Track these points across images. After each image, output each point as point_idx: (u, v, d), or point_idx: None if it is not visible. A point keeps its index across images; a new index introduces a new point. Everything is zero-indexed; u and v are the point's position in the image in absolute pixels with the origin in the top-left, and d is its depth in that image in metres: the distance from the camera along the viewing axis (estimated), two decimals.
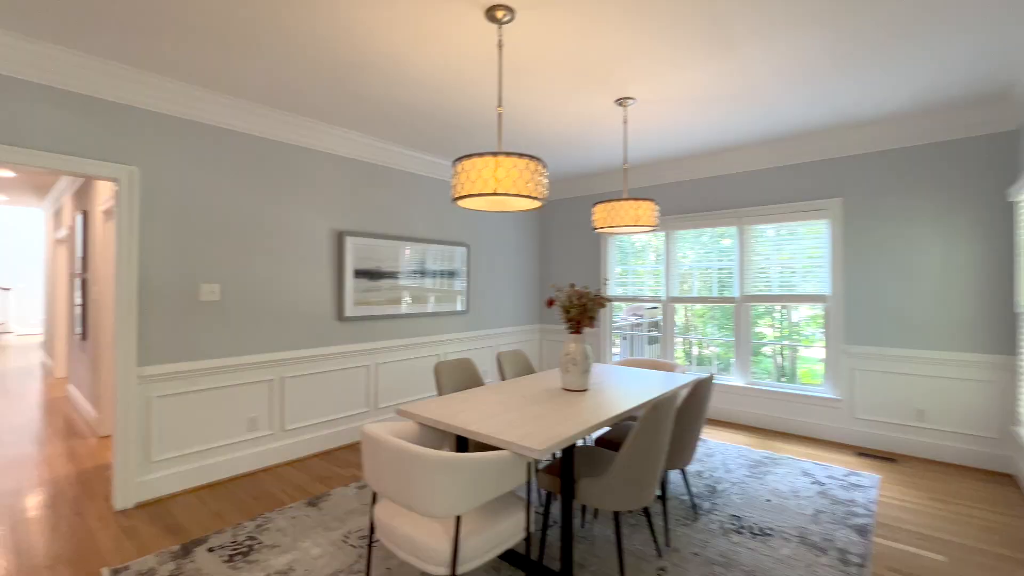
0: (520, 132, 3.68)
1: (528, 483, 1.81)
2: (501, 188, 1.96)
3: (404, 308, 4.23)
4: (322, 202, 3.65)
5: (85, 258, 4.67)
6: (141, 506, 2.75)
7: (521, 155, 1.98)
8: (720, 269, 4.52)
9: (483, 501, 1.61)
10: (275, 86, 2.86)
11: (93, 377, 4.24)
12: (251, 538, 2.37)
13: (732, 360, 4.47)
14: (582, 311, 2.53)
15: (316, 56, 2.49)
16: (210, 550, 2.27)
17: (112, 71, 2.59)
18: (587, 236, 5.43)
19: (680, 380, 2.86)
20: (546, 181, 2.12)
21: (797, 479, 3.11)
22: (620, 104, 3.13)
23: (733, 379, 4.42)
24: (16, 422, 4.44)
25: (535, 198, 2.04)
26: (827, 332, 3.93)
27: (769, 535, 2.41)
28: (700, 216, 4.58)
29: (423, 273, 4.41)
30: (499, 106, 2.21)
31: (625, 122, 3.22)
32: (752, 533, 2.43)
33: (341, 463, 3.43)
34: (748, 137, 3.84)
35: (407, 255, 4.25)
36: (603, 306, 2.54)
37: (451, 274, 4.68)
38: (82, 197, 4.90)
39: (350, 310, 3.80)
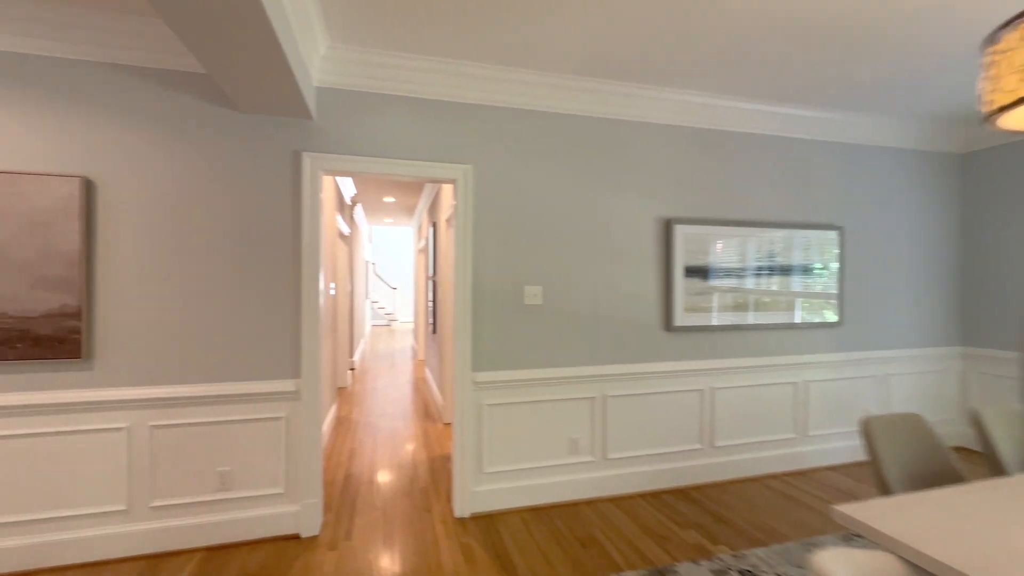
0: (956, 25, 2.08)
1: None
2: None
3: (748, 317, 3.14)
4: (645, 184, 2.97)
5: (435, 263, 5.44)
6: (475, 518, 2.64)
7: None
8: None
9: None
10: (597, 48, 2.30)
11: (440, 366, 4.81)
12: None
13: None
14: None
15: None
16: None
17: (447, 69, 2.52)
18: None
19: None
20: None
21: None
22: None
23: None
24: (396, 396, 5.51)
25: None
26: None
27: None
28: None
29: (772, 270, 3.21)
30: None
31: None
32: None
33: (676, 517, 2.65)
34: None
35: (750, 246, 3.15)
36: None
37: (813, 270, 3.30)
38: (433, 212, 5.76)
39: (680, 318, 2.99)
